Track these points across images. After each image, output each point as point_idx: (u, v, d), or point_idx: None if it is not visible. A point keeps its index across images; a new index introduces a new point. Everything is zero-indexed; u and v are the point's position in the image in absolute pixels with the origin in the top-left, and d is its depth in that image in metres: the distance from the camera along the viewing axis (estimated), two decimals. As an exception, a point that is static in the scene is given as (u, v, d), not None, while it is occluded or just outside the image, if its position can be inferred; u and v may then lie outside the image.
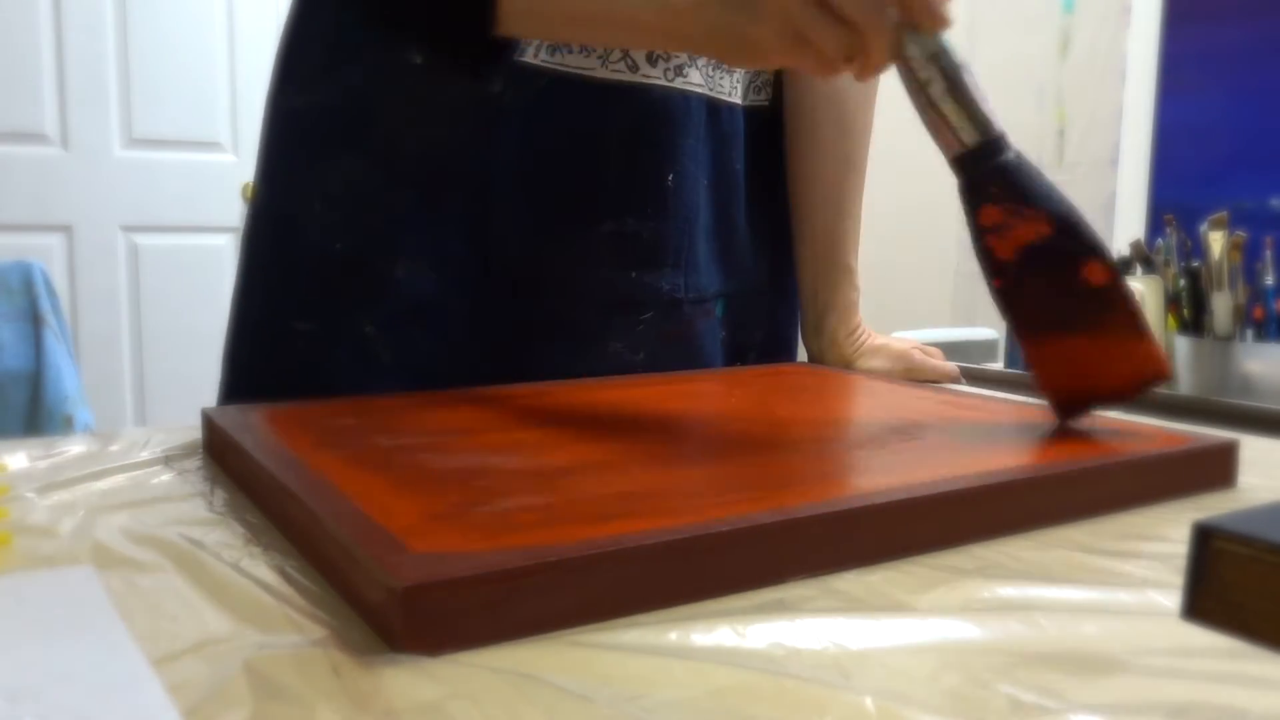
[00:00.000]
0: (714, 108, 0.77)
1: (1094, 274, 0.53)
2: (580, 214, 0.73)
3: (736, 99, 0.79)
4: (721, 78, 0.77)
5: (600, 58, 0.70)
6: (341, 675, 0.29)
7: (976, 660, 0.31)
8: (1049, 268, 0.54)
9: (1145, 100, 2.26)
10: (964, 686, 0.29)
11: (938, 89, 0.52)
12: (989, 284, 0.56)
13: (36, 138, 2.29)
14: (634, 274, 0.75)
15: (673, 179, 0.75)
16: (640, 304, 0.76)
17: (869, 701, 0.28)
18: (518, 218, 0.71)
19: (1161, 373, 0.55)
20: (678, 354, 0.78)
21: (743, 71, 0.80)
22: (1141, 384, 0.55)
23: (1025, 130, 2.48)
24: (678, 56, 0.73)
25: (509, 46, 0.65)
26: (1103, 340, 0.54)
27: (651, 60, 0.72)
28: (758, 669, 0.30)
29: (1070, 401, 0.56)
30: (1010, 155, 0.54)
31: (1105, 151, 2.33)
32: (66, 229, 2.35)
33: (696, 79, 0.75)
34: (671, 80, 0.73)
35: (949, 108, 0.52)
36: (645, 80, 0.72)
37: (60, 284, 2.28)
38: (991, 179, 0.53)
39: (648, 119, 0.73)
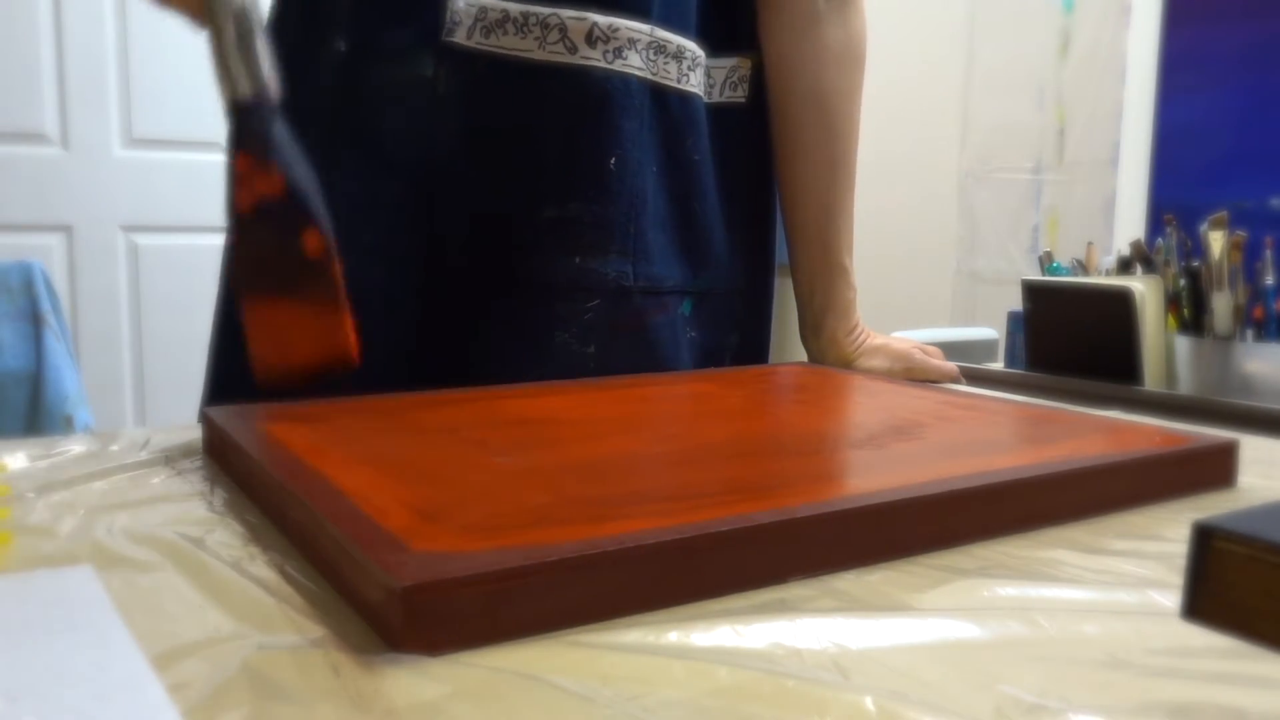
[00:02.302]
0: (660, 93, 0.76)
1: (310, 243, 0.56)
2: (522, 199, 0.73)
3: (692, 87, 0.78)
4: (667, 63, 0.76)
5: (538, 40, 0.70)
6: (341, 675, 0.29)
7: (976, 660, 0.31)
8: (274, 228, 0.56)
9: (1145, 100, 2.27)
10: (964, 686, 0.29)
11: (229, 40, 0.56)
12: (228, 236, 0.59)
13: (36, 138, 2.29)
14: (578, 260, 0.74)
15: (614, 162, 0.74)
16: (586, 291, 0.74)
17: (869, 701, 0.28)
18: (459, 206, 0.71)
19: (347, 356, 0.55)
20: (632, 348, 0.76)
21: (703, 62, 0.79)
22: (326, 364, 0.55)
23: (1025, 130, 2.48)
24: (617, 39, 0.73)
25: None
26: (301, 310, 0.56)
27: (590, 42, 0.72)
28: (758, 669, 0.30)
29: (267, 368, 0.56)
30: (275, 120, 0.57)
31: (1105, 151, 2.33)
32: (66, 229, 2.35)
33: (637, 62, 0.74)
34: (610, 63, 0.73)
35: (234, 59, 0.56)
36: (584, 62, 0.72)
37: (60, 284, 2.28)
38: (251, 132, 0.57)
39: (586, 100, 0.73)
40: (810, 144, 0.84)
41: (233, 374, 0.75)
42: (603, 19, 0.72)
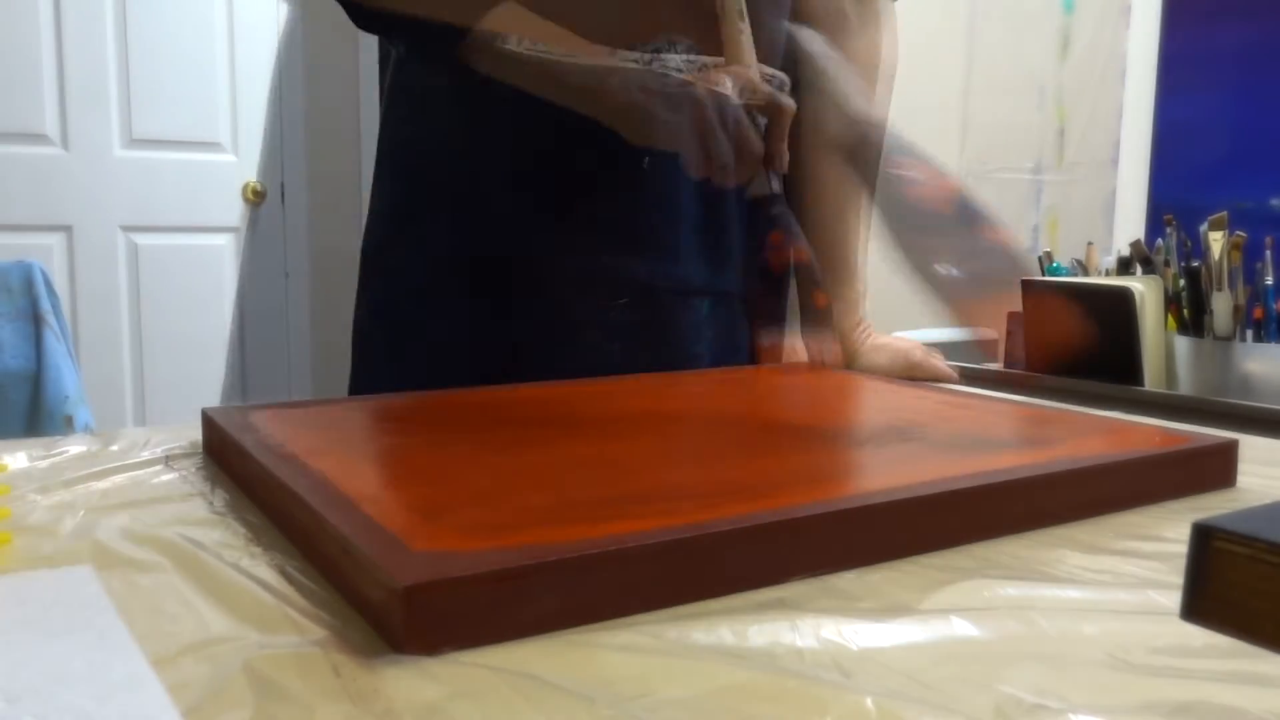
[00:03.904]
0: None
1: (819, 299, 0.77)
2: (558, 198, 0.74)
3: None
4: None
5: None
6: (341, 675, 0.29)
7: (976, 660, 0.31)
8: (800, 283, 0.77)
9: (1145, 100, 2.26)
10: (964, 686, 0.29)
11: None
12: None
13: (36, 138, 2.29)
14: (605, 257, 0.75)
15: (648, 162, 0.75)
16: (613, 288, 0.75)
17: (869, 701, 0.28)
18: (502, 205, 0.72)
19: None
20: (657, 347, 0.77)
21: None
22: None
23: (1025, 130, 2.48)
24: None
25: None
26: (807, 342, 0.80)
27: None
28: (758, 669, 0.30)
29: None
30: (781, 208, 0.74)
31: (1105, 151, 2.33)
32: (66, 229, 2.35)
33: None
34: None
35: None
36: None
37: (60, 284, 2.28)
38: (779, 216, 0.74)
39: None
40: (830, 139, 0.86)
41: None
42: None
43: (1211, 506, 0.48)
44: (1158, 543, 0.43)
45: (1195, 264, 0.91)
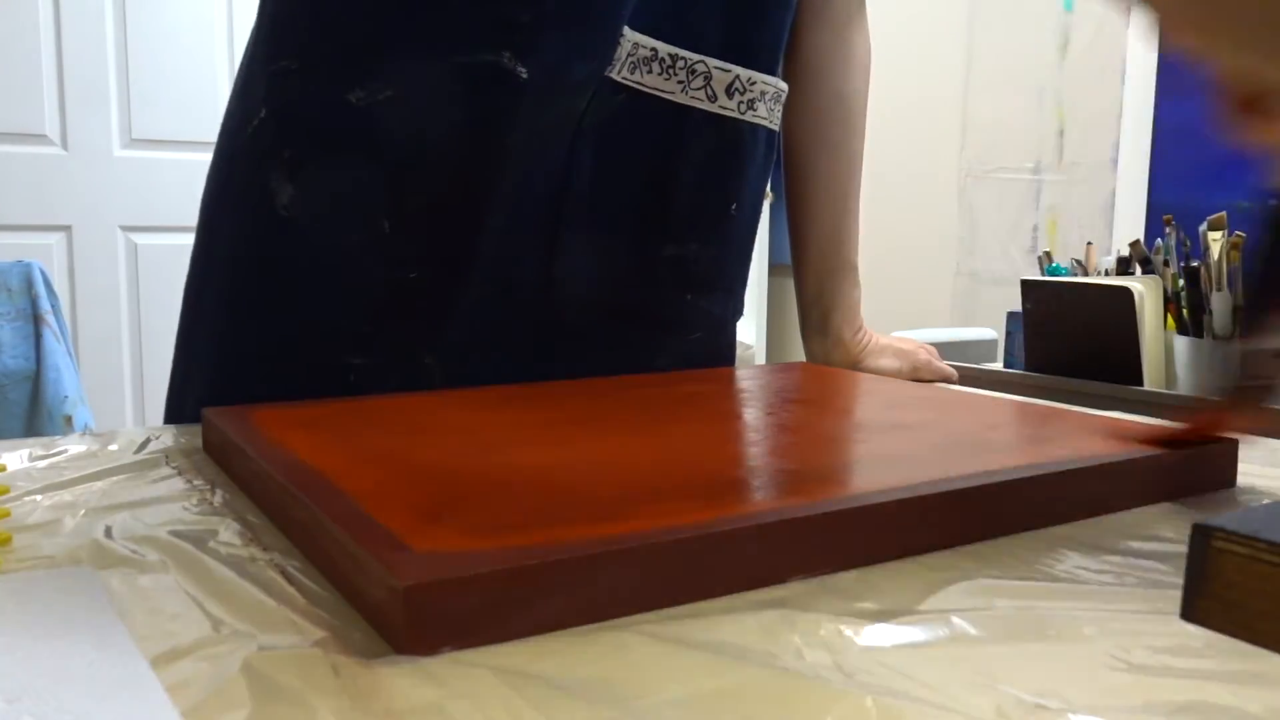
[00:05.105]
0: (770, 138, 0.79)
1: None
2: (646, 236, 0.73)
3: (776, 126, 0.81)
4: (774, 109, 0.78)
5: (681, 83, 0.70)
6: (341, 675, 0.29)
7: (976, 660, 0.31)
8: None
9: (1144, 100, 2.26)
10: (964, 686, 0.29)
11: None
12: None
13: (36, 138, 2.29)
14: (689, 297, 0.77)
15: (735, 208, 0.77)
16: (691, 325, 0.78)
17: (869, 701, 0.28)
18: (587, 238, 0.70)
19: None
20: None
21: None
22: None
23: (1025, 130, 2.48)
24: (752, 91, 0.74)
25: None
26: None
27: (729, 93, 0.73)
28: (758, 669, 0.30)
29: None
30: None
31: (1105, 151, 2.33)
32: (66, 229, 2.35)
33: (763, 112, 0.76)
34: (743, 113, 0.74)
35: None
36: (721, 111, 0.73)
37: (60, 284, 2.28)
38: None
39: (722, 149, 0.74)
40: (835, 141, 0.87)
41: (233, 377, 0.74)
42: (744, 72, 0.73)
43: (1211, 506, 0.48)
44: (1158, 543, 0.43)
45: (1194, 264, 0.91)
